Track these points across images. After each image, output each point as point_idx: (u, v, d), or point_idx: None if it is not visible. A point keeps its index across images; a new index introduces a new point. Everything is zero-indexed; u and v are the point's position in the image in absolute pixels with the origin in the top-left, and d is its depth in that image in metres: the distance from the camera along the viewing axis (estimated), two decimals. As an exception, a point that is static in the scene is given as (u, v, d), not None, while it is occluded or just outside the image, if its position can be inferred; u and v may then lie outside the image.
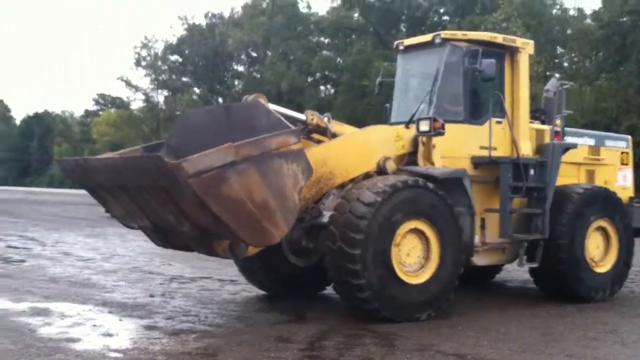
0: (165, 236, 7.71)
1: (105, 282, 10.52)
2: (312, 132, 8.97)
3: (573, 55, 51.53)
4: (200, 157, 6.22)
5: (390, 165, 8.60)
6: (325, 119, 9.04)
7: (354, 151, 8.55)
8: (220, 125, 8.02)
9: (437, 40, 9.38)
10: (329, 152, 8.33)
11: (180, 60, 79.25)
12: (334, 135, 8.98)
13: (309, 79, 69.43)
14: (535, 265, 9.30)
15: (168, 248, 8.16)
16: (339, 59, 65.34)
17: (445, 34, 9.51)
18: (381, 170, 8.56)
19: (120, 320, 7.73)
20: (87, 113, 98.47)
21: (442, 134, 8.59)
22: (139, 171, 6.67)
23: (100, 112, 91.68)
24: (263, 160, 6.58)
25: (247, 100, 8.78)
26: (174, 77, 79.16)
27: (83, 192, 8.31)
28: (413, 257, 8.04)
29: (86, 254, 14.61)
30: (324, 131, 9.02)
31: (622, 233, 9.80)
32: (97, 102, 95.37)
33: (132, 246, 16.52)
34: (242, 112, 8.10)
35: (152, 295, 9.36)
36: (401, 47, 10.14)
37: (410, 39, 10.27)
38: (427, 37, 9.80)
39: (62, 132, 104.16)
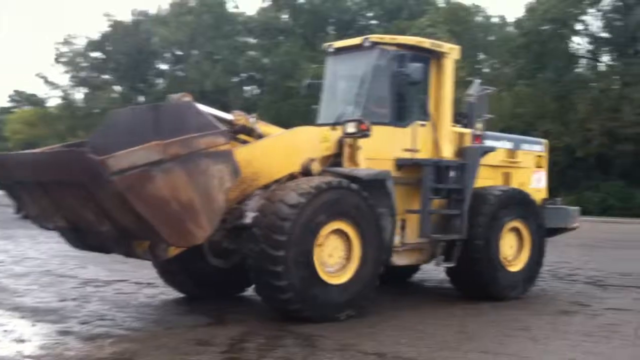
0: (82, 237, 7.46)
1: (16, 286, 10.09)
2: (239, 133, 8.86)
3: (494, 61, 53.25)
4: (126, 154, 6.08)
5: (315, 167, 8.61)
6: (252, 120, 8.97)
7: (280, 152, 8.51)
8: (148, 125, 7.83)
9: (366, 44, 9.48)
10: (255, 152, 8.26)
11: (103, 57, 77.27)
12: (260, 136, 8.91)
13: (234, 79, 68.98)
14: (452, 264, 9.50)
15: (84, 250, 7.91)
16: (265, 60, 65.22)
17: (374, 37, 9.62)
18: (306, 172, 8.56)
19: (32, 325, 7.44)
20: (1, 110, 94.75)
21: (367, 135, 8.67)
22: (60, 166, 6.43)
23: (15, 110, 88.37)
24: (190, 159, 6.49)
25: (172, 99, 8.62)
26: (94, 74, 77.11)
27: None
28: (335, 258, 8.07)
29: (-5, 256, 14.00)
30: (250, 132, 8.94)
31: (535, 233, 10.13)
32: (12, 99, 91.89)
33: (43, 249, 15.92)
34: (172, 112, 7.94)
35: (64, 299, 9.04)
36: (330, 50, 10.19)
37: (339, 42, 10.34)
38: (356, 40, 9.88)
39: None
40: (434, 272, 12.26)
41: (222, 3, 70.58)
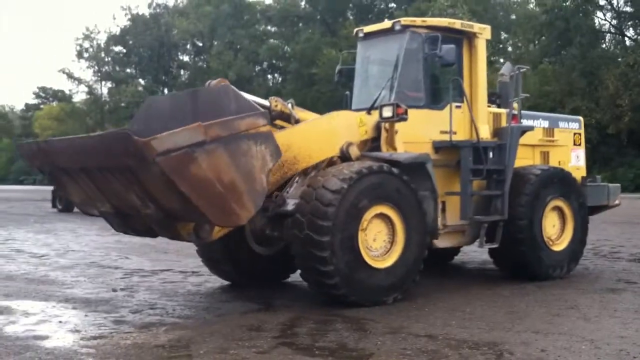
0: (127, 221, 7.51)
1: (64, 278, 10.28)
2: (276, 119, 8.90)
3: (517, 40, 52.66)
4: (169, 135, 6.14)
5: (354, 151, 8.63)
6: (289, 106, 9.00)
7: (318, 136, 8.55)
8: (187, 110, 7.90)
9: (397, 27, 9.44)
10: (293, 136, 8.29)
11: (124, 51, 77.88)
12: (297, 122, 8.95)
13: (257, 68, 69.12)
14: (495, 245, 9.48)
15: (129, 234, 7.96)
16: (286, 48, 65.24)
17: (404, 20, 9.57)
18: (344, 156, 8.59)
19: (86, 315, 7.57)
20: (28, 107, 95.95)
21: (405, 119, 8.66)
22: (104, 150, 6.46)
23: (42, 106, 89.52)
24: (232, 141, 6.54)
25: (211, 84, 8.67)
26: (117, 68, 77.81)
27: (27, 187, 8.09)
28: (379, 242, 8.11)
29: (39, 250, 14.25)
30: (287, 118, 8.98)
31: (577, 212, 10.06)
32: (38, 96, 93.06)
33: (85, 241, 16.19)
34: (210, 97, 7.98)
35: (115, 290, 9.20)
36: (361, 35, 10.17)
37: (369, 26, 10.30)
38: (386, 24, 9.86)
39: (2, 127, 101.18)
40: (475, 253, 12.28)
41: (240, -8, 70.62)
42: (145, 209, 6.80)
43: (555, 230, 9.94)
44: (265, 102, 8.82)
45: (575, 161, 11.25)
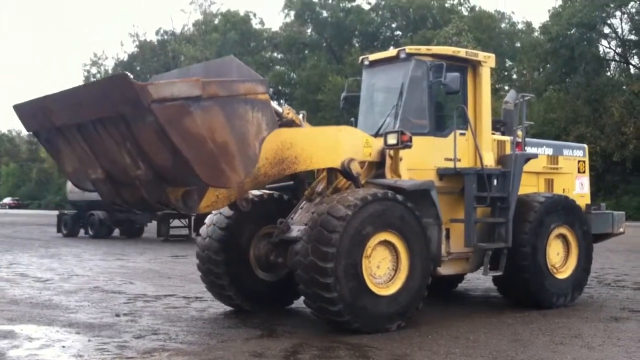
0: (117, 189, 7.44)
1: (68, 303, 10.28)
2: (286, 126, 8.88)
3: (522, 68, 52.95)
4: (167, 84, 6.22)
5: (355, 167, 8.58)
6: (301, 116, 9.01)
7: (323, 143, 8.49)
8: None
9: (402, 55, 9.54)
10: (299, 136, 8.24)
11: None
12: None
13: (263, 94, 69.47)
14: (499, 273, 9.45)
15: (118, 204, 7.81)
16: (292, 74, 65.75)
17: (409, 48, 9.67)
18: (345, 170, 8.58)
19: (89, 340, 7.56)
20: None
21: (409, 146, 8.69)
22: (102, 96, 6.44)
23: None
24: (229, 102, 6.61)
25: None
26: (125, 94, 78.36)
27: (32, 212, 8.06)
28: (383, 269, 8.11)
29: (43, 274, 14.25)
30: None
31: (581, 240, 10.05)
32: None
33: (89, 266, 16.19)
34: (215, 71, 8.02)
35: (117, 315, 9.19)
36: (366, 62, 10.27)
37: (375, 54, 10.42)
38: (391, 52, 9.98)
39: (8, 151, 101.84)
40: (479, 280, 12.24)
41: (247, 20, 71.45)
42: (136, 169, 6.76)
43: (560, 258, 9.93)
44: (279, 109, 8.82)
45: (579, 189, 11.26)
